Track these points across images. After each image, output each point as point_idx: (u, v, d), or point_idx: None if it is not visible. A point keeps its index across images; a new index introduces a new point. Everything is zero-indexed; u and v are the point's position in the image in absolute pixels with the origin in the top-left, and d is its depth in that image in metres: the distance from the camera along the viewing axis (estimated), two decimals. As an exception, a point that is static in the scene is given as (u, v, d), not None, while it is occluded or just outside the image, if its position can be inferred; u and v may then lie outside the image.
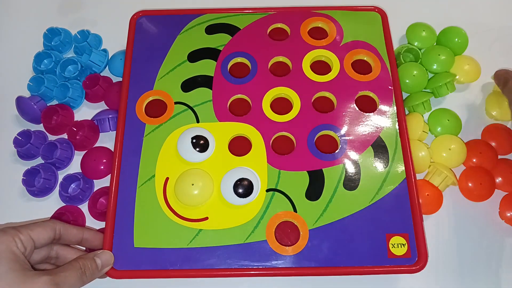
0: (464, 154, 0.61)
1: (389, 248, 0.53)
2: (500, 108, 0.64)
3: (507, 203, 0.60)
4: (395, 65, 0.63)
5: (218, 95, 0.62)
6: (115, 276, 0.53)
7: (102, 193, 0.62)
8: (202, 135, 0.58)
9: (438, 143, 0.62)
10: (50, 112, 0.65)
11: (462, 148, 0.61)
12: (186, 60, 0.64)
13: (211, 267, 0.53)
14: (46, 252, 0.51)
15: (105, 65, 0.70)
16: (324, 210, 0.55)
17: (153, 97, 0.62)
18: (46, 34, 0.70)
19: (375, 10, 0.67)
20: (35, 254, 0.49)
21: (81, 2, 0.77)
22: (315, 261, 0.53)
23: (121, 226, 0.55)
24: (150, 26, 0.67)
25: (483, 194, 0.60)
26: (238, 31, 0.66)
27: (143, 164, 0.58)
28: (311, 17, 0.67)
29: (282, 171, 0.57)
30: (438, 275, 0.57)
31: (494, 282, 0.58)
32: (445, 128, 0.63)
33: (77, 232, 0.53)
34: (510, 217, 0.59)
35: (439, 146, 0.62)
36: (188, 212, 0.56)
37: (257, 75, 0.63)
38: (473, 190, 0.61)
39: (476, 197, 0.61)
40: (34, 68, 0.70)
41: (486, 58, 0.69)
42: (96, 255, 0.51)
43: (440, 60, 0.66)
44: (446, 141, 0.62)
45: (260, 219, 0.55)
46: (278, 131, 0.60)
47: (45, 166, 0.62)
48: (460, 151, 0.61)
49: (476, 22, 0.72)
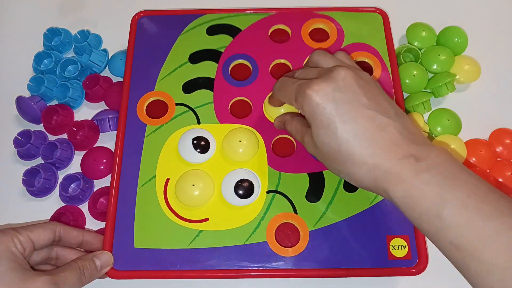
0: (464, 154, 0.60)
1: (389, 250, 0.53)
2: None
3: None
4: (396, 66, 0.62)
5: (219, 97, 0.61)
6: (115, 277, 0.52)
7: (102, 193, 0.60)
8: (203, 136, 0.57)
9: (438, 144, 0.61)
10: (50, 112, 0.64)
11: (462, 148, 0.60)
12: (187, 61, 0.63)
13: (211, 268, 0.52)
14: (46, 253, 0.50)
15: (105, 65, 0.68)
16: (324, 212, 0.54)
17: (154, 98, 0.61)
18: (46, 34, 0.69)
19: (377, 11, 0.66)
20: (34, 255, 0.48)
21: (82, 2, 0.75)
22: (316, 262, 0.52)
23: (121, 226, 0.54)
24: (151, 27, 0.66)
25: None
26: (239, 33, 0.65)
27: (144, 165, 0.57)
28: (312, 18, 0.66)
29: (283, 173, 0.56)
30: (438, 278, 0.55)
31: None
32: (445, 128, 0.62)
33: (77, 234, 0.52)
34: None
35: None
36: (189, 213, 0.55)
37: (258, 78, 0.62)
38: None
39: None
40: (34, 68, 0.68)
41: (487, 58, 0.68)
42: (95, 256, 0.51)
43: (440, 60, 0.65)
44: (446, 141, 0.61)
45: (261, 221, 0.54)
46: (278, 134, 0.58)
47: (45, 166, 0.61)
48: (460, 151, 0.60)
49: (476, 22, 0.71)
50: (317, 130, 0.44)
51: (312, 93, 0.43)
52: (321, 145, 0.44)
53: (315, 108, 0.43)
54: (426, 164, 0.40)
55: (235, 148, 0.56)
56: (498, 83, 0.67)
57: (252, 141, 0.57)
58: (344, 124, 0.42)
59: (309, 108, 0.44)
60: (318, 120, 0.43)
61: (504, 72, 0.68)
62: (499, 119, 0.64)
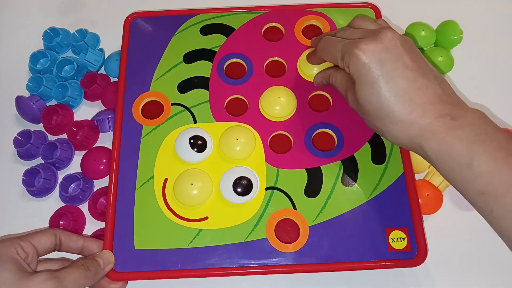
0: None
1: (389, 242, 0.52)
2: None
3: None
4: None
5: (214, 96, 0.60)
6: (116, 278, 0.51)
7: (102, 193, 0.60)
8: (199, 135, 0.56)
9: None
10: (50, 112, 0.63)
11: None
12: (182, 61, 0.62)
13: (212, 267, 0.51)
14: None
15: (101, 64, 0.67)
16: (323, 207, 0.54)
17: (150, 98, 0.60)
18: (48, 32, 0.68)
19: (369, 6, 0.65)
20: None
21: (81, 2, 0.74)
22: (316, 257, 0.52)
23: (121, 228, 0.53)
24: (145, 28, 0.65)
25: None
26: (233, 32, 0.64)
27: (142, 166, 0.56)
28: (305, 15, 0.65)
29: (281, 170, 0.55)
30: (438, 269, 0.56)
31: (493, 282, 0.56)
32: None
33: (78, 238, 0.51)
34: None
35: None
36: (188, 212, 0.54)
37: (253, 76, 0.61)
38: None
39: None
40: (30, 68, 0.67)
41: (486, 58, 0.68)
42: (96, 255, 0.50)
43: (438, 62, 0.64)
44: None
45: (260, 217, 0.53)
46: (275, 130, 0.58)
47: (45, 166, 0.60)
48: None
49: (476, 21, 0.70)
50: (361, 87, 0.46)
51: (360, 52, 0.45)
52: (363, 102, 0.46)
53: (361, 67, 0.45)
54: (460, 122, 0.42)
55: (232, 146, 0.56)
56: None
57: (249, 138, 0.56)
58: (387, 83, 0.44)
59: (355, 66, 0.45)
60: (363, 78, 0.45)
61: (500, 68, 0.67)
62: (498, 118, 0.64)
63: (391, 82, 0.44)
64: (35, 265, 0.46)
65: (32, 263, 0.46)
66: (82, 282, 0.46)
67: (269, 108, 0.58)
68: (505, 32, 0.70)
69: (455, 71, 0.65)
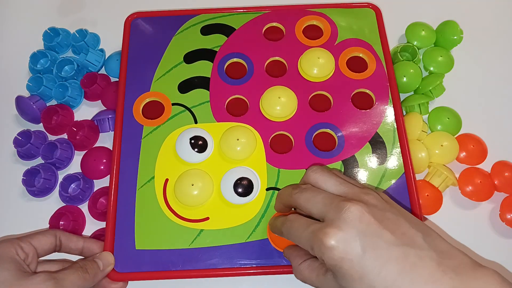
0: (456, 150, 0.58)
1: None
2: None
3: (507, 205, 0.56)
4: (390, 61, 0.60)
5: (215, 96, 0.58)
6: (117, 279, 0.50)
7: (102, 193, 0.58)
8: (200, 136, 0.55)
9: (430, 141, 0.58)
10: (50, 112, 0.62)
11: (454, 144, 0.58)
12: (182, 61, 0.61)
13: (213, 267, 0.50)
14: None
15: (102, 64, 0.66)
16: None
17: (150, 98, 0.58)
18: (47, 33, 0.67)
19: (369, 7, 0.64)
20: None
21: (81, 2, 0.73)
22: None
23: (121, 229, 0.52)
24: (145, 28, 0.63)
25: (483, 193, 0.57)
26: (234, 32, 0.63)
27: (142, 166, 0.55)
28: (306, 16, 0.63)
29: (282, 170, 0.54)
30: None
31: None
32: (445, 126, 0.60)
33: (78, 239, 0.50)
34: (511, 219, 0.56)
35: (432, 144, 0.58)
36: (189, 212, 0.52)
37: (254, 76, 0.60)
38: (473, 189, 0.57)
39: (476, 196, 0.57)
40: (30, 68, 0.66)
41: (487, 58, 0.66)
42: (95, 256, 0.49)
43: (439, 62, 0.63)
44: (438, 138, 0.58)
45: (261, 218, 0.52)
46: (276, 130, 0.56)
47: (45, 166, 0.59)
48: (452, 147, 0.58)
49: (476, 22, 0.69)
50: (348, 283, 0.38)
51: (332, 244, 0.37)
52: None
53: (340, 263, 0.37)
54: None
55: (233, 146, 0.54)
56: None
57: (250, 138, 0.55)
58: (379, 274, 0.36)
59: (332, 262, 0.37)
60: (348, 275, 0.37)
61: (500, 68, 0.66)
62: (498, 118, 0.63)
63: (382, 269, 0.36)
64: (35, 266, 0.45)
65: (31, 264, 0.45)
66: (81, 284, 0.45)
67: (270, 108, 0.56)
68: (505, 32, 0.69)
69: (455, 71, 0.64)
